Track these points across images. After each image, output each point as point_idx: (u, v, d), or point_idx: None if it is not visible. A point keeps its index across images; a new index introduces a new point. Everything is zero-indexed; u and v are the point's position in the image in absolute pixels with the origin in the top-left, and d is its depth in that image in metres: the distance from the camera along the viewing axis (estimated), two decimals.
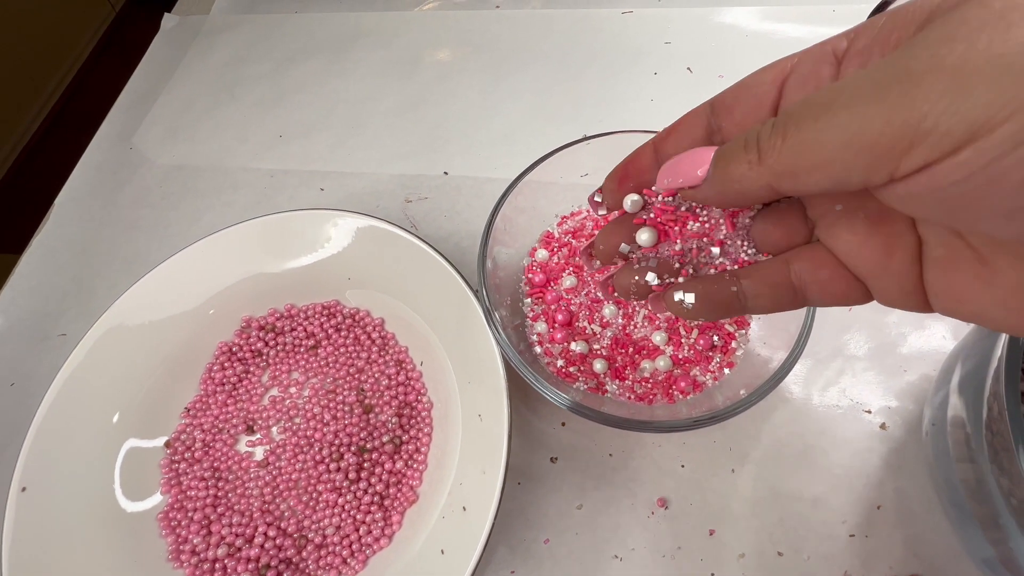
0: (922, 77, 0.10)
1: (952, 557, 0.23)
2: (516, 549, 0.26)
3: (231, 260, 0.31)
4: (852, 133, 0.11)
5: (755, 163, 0.12)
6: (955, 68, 0.09)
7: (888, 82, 0.10)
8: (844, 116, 0.11)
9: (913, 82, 0.10)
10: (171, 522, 0.26)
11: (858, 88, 0.11)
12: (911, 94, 0.10)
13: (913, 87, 0.10)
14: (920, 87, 0.10)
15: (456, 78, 0.43)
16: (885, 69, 0.10)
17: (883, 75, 0.10)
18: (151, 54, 0.47)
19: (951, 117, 0.09)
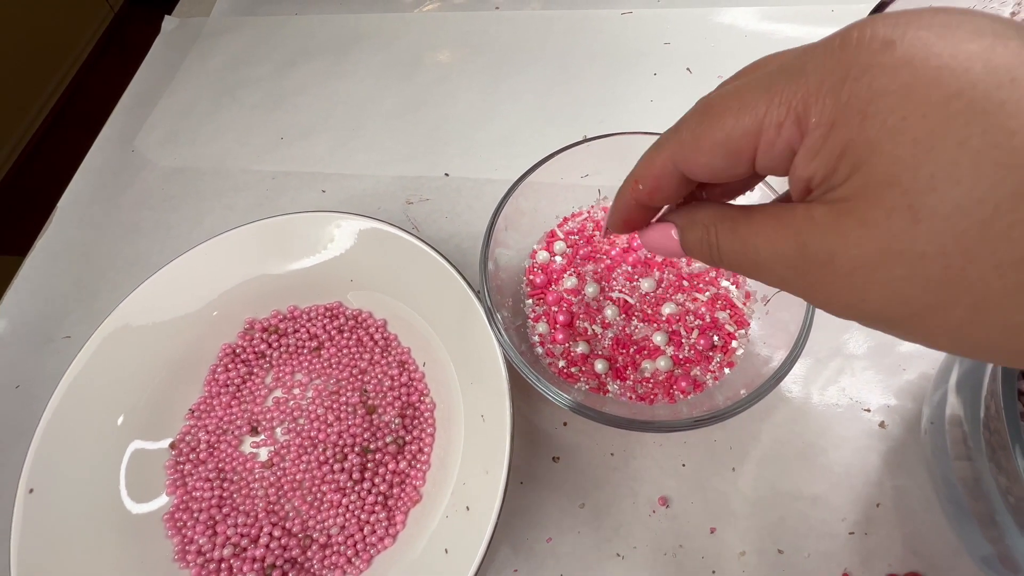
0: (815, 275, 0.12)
1: (951, 555, 0.24)
2: (519, 548, 0.26)
3: (234, 263, 0.31)
4: (778, 285, 0.14)
5: (712, 263, 0.16)
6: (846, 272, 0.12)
7: (794, 270, 0.13)
8: (767, 281, 0.14)
9: (811, 276, 0.12)
10: (177, 523, 0.27)
11: (774, 267, 0.13)
12: (812, 287, 0.13)
13: (812, 281, 0.13)
14: (815, 283, 0.12)
15: (456, 79, 0.43)
16: (792, 256, 0.13)
17: (791, 261, 0.13)
18: (152, 56, 0.47)
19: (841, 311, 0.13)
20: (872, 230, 0.11)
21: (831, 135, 0.11)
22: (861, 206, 0.11)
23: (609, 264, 0.29)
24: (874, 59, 0.11)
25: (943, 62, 0.10)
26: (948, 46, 0.10)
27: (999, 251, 0.10)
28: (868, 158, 0.11)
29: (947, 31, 0.10)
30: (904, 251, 0.11)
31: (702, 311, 0.27)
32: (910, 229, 0.10)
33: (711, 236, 0.15)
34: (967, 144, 0.10)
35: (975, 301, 0.10)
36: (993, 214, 0.10)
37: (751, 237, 0.14)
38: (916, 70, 0.10)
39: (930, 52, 0.10)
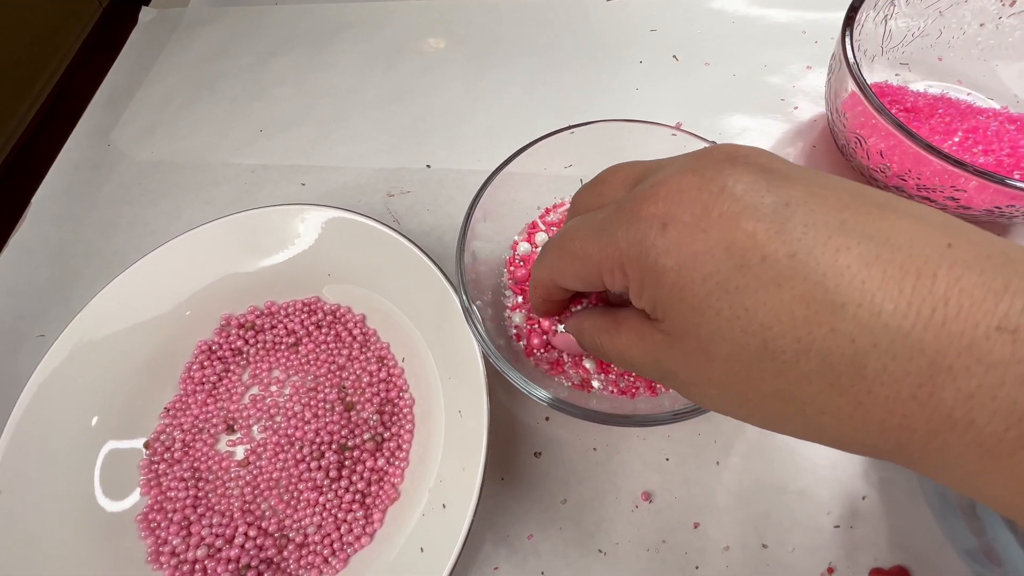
0: (671, 381, 0.17)
1: (936, 547, 0.23)
2: (500, 545, 0.25)
3: (209, 257, 0.30)
4: (655, 380, 0.19)
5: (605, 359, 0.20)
6: None
7: (659, 376, 0.17)
8: (646, 375, 0.19)
9: (669, 382, 0.17)
10: (150, 523, 0.26)
11: (646, 371, 0.17)
12: (674, 387, 0.17)
13: (671, 385, 0.17)
14: (674, 387, 0.17)
15: (439, 70, 0.42)
16: (654, 366, 0.17)
17: (655, 370, 0.17)
18: (129, 49, 0.46)
19: None
20: (689, 361, 0.15)
21: (642, 290, 0.15)
22: (678, 342, 0.15)
23: None
24: (656, 240, 0.14)
25: (700, 248, 0.14)
26: (702, 231, 0.14)
27: (763, 386, 0.14)
28: (670, 312, 0.15)
29: (704, 215, 0.14)
30: (711, 378, 0.15)
31: None
32: (707, 365, 0.14)
33: (597, 343, 0.19)
34: (722, 314, 0.13)
35: (761, 416, 0.14)
36: (748, 366, 0.14)
37: (623, 349, 0.17)
38: (683, 254, 0.14)
39: (691, 237, 0.14)
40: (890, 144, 0.27)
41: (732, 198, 0.13)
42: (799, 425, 0.14)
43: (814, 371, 0.13)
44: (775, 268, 0.13)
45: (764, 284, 0.13)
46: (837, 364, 0.12)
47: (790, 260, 0.13)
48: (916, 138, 0.25)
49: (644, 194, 0.15)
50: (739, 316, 0.13)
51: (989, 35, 0.33)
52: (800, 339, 0.12)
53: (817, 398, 0.13)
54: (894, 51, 0.35)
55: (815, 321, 0.12)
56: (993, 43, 0.33)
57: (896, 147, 0.27)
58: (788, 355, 0.13)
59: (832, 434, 0.13)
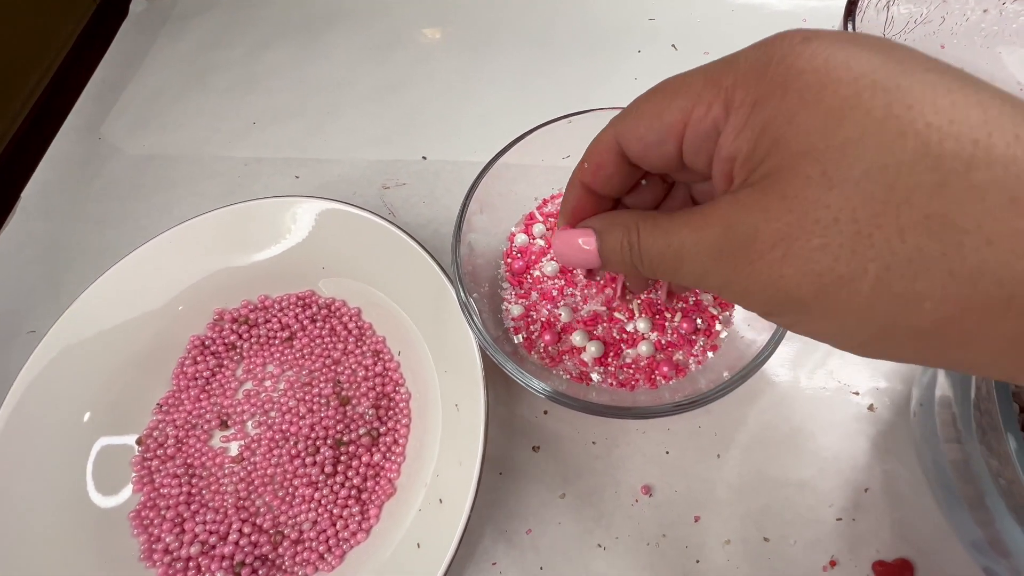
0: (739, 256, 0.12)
1: (940, 540, 0.23)
2: (498, 540, 0.25)
3: (201, 251, 0.30)
4: (697, 283, 0.14)
5: (630, 268, 0.16)
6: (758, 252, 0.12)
7: (719, 255, 0.13)
8: (689, 278, 0.14)
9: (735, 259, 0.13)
10: (143, 521, 0.26)
11: (698, 257, 0.13)
12: (735, 270, 0.13)
13: (736, 263, 0.13)
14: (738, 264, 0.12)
15: (435, 60, 0.41)
16: (716, 240, 0.13)
17: (715, 246, 0.13)
18: (119, 40, 0.46)
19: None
20: (791, 201, 0.11)
21: (754, 112, 0.12)
22: (782, 179, 0.12)
23: None
24: (794, 48, 0.12)
25: (853, 51, 0.11)
26: (856, 40, 0.11)
27: (902, 215, 0.10)
28: (786, 130, 0.11)
29: (854, 35, 0.12)
30: (820, 219, 0.11)
31: (685, 293, 0.26)
32: (825, 195, 0.11)
33: (631, 236, 0.15)
34: (872, 115, 0.11)
35: (880, 269, 0.11)
36: (895, 179, 0.10)
37: (676, 230, 0.14)
38: (830, 57, 0.11)
39: (843, 42, 0.11)
40: None
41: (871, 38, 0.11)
42: (941, 275, 0.10)
43: (990, 183, 0.10)
44: (948, 72, 0.10)
45: (932, 85, 0.10)
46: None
47: (962, 72, 0.10)
48: None
49: (780, 33, 0.12)
50: (899, 115, 0.10)
51: (993, 21, 0.33)
52: (978, 142, 0.10)
53: (986, 220, 0.10)
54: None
55: (996, 124, 0.10)
56: (997, 29, 0.33)
57: None
58: (958, 162, 0.10)
59: (990, 286, 0.10)
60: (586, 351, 0.25)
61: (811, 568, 0.23)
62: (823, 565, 0.23)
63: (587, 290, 0.27)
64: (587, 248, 0.16)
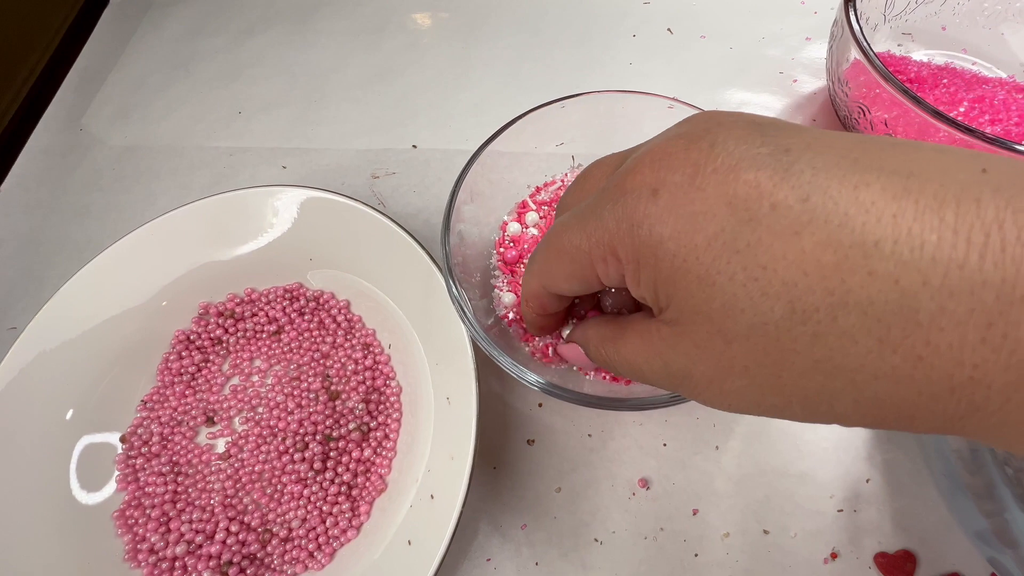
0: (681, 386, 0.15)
1: (943, 530, 0.23)
2: (492, 535, 0.25)
3: (185, 243, 0.29)
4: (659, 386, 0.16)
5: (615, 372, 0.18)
6: None
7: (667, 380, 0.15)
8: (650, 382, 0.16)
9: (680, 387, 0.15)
10: (128, 520, 0.25)
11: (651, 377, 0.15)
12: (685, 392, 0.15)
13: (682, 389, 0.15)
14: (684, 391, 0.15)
15: (424, 46, 0.40)
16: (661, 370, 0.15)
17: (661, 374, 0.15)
18: (100, 29, 0.45)
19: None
20: (705, 351, 0.13)
21: (640, 271, 0.13)
22: (690, 331, 0.13)
23: None
24: (647, 209, 0.13)
25: (698, 208, 0.12)
26: (698, 190, 0.12)
27: (796, 362, 0.11)
28: (672, 291, 0.13)
29: (697, 172, 0.12)
30: (733, 366, 0.12)
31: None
32: (727, 350, 0.12)
33: (603, 354, 0.17)
34: (736, 279, 0.12)
35: (801, 401, 0.12)
36: (776, 334, 0.11)
37: (630, 356, 0.16)
38: (679, 217, 0.12)
39: (686, 197, 0.12)
40: (895, 113, 0.26)
41: (725, 152, 0.12)
42: (849, 403, 0.11)
43: (856, 327, 0.10)
44: (789, 215, 0.11)
45: (779, 235, 0.11)
46: (883, 314, 0.10)
47: (804, 204, 0.11)
48: (924, 104, 0.23)
49: (629, 168, 0.13)
50: (756, 278, 0.11)
51: (995, 0, 0.32)
52: (833, 291, 0.11)
53: (866, 361, 0.11)
54: (896, 20, 0.34)
55: (847, 267, 0.10)
56: (1000, 9, 0.32)
57: (901, 116, 0.25)
58: (822, 313, 0.11)
59: (892, 406, 0.11)
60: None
61: (812, 560, 0.23)
62: (824, 557, 0.23)
63: None
64: (582, 357, 0.20)
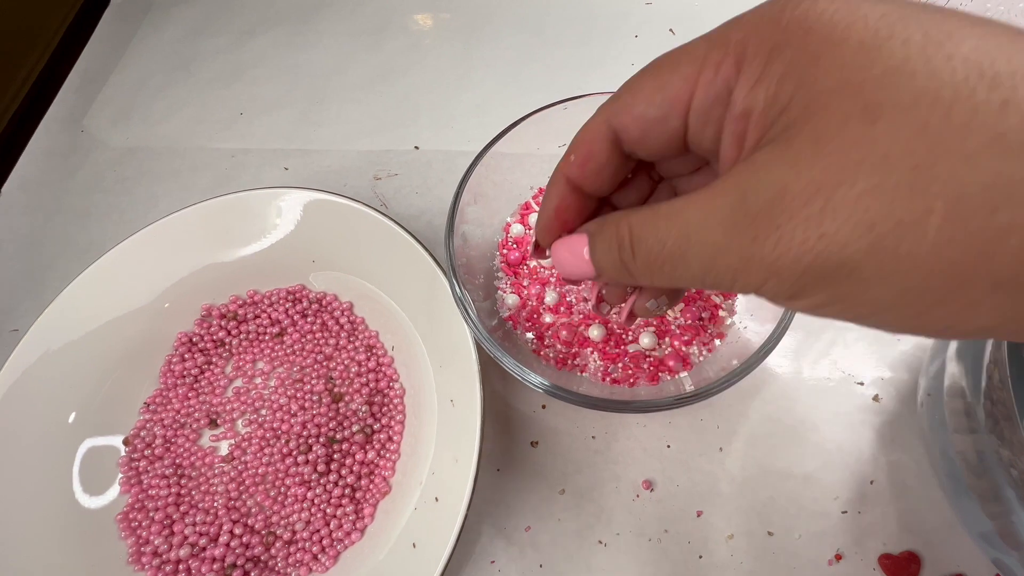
0: (762, 221, 0.10)
1: (948, 532, 0.23)
2: (496, 538, 0.25)
3: (187, 245, 0.29)
4: (705, 272, 0.12)
5: (625, 274, 0.14)
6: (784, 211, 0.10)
7: (734, 227, 0.11)
8: (696, 265, 0.12)
9: (757, 226, 0.10)
10: (131, 523, 0.25)
11: (708, 234, 0.11)
12: (756, 240, 0.10)
13: (758, 231, 0.10)
14: (761, 231, 0.10)
15: (426, 47, 0.40)
16: (731, 209, 0.11)
17: (730, 217, 0.11)
18: (101, 30, 0.44)
19: (794, 254, 0.10)
20: (827, 144, 0.10)
21: (771, 59, 0.11)
22: (812, 123, 0.10)
23: None
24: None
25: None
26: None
27: (968, 139, 0.09)
28: (812, 71, 0.10)
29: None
30: (865, 158, 0.09)
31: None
32: (869, 130, 0.09)
33: (622, 231, 0.13)
34: (910, 43, 0.09)
35: (949, 205, 0.09)
36: (952, 102, 0.09)
37: (677, 212, 0.12)
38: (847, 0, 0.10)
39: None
40: None
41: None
42: (1013, 211, 0.08)
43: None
44: (966, 14, 0.09)
45: (959, 19, 0.09)
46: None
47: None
48: None
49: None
50: (940, 42, 0.09)
51: (998, 1, 0.32)
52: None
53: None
54: None
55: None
56: (1003, 9, 0.32)
57: None
58: (1017, 79, 0.09)
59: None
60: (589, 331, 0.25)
61: (816, 562, 0.23)
62: (828, 559, 0.23)
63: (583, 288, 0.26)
64: (584, 256, 0.15)
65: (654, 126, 0.13)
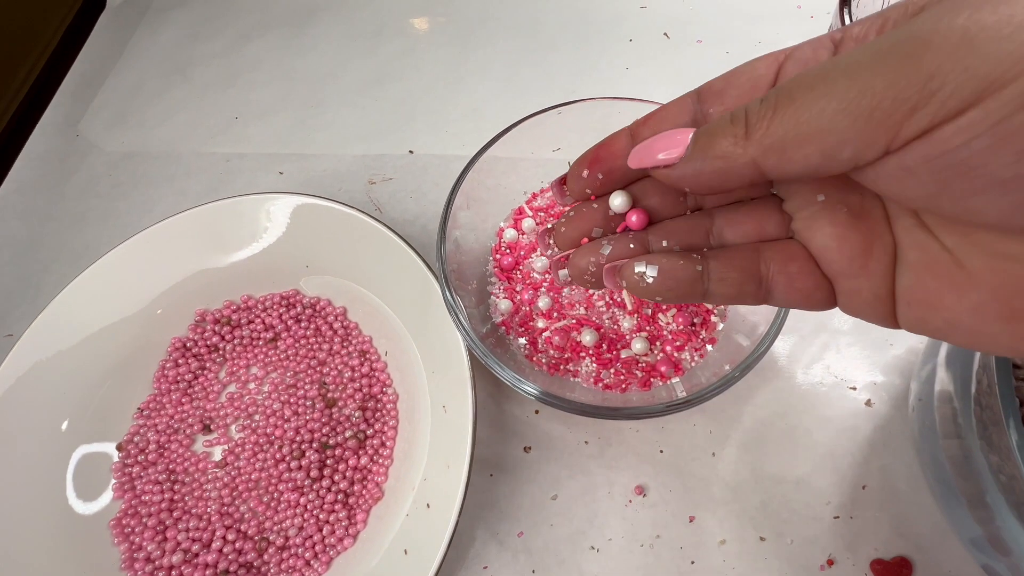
0: (929, 39, 0.09)
1: (939, 537, 0.23)
2: (489, 543, 0.25)
3: (181, 250, 0.29)
4: (851, 99, 0.10)
5: (741, 137, 0.12)
6: (963, 29, 0.09)
7: (891, 48, 0.10)
8: (843, 83, 0.10)
9: (919, 44, 0.09)
10: (124, 529, 0.25)
11: (859, 56, 0.10)
12: (916, 55, 0.09)
13: (919, 48, 0.09)
14: (927, 48, 0.09)
15: (421, 51, 0.40)
16: (888, 38, 0.10)
17: (886, 43, 0.10)
18: (97, 35, 0.44)
19: (959, 75, 0.09)
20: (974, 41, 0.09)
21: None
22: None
23: None
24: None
25: None
26: None
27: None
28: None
29: None
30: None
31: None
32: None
33: (755, 107, 0.11)
34: None
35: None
36: None
37: (828, 69, 0.10)
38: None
39: None
40: None
41: None
42: None
43: None
44: None
45: None
46: None
47: None
48: None
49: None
50: None
51: None
52: None
53: None
54: None
55: None
56: None
57: None
58: None
59: None
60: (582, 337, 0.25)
61: (808, 567, 0.23)
62: (820, 564, 0.23)
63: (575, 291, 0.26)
64: (684, 134, 0.13)
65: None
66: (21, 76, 0.45)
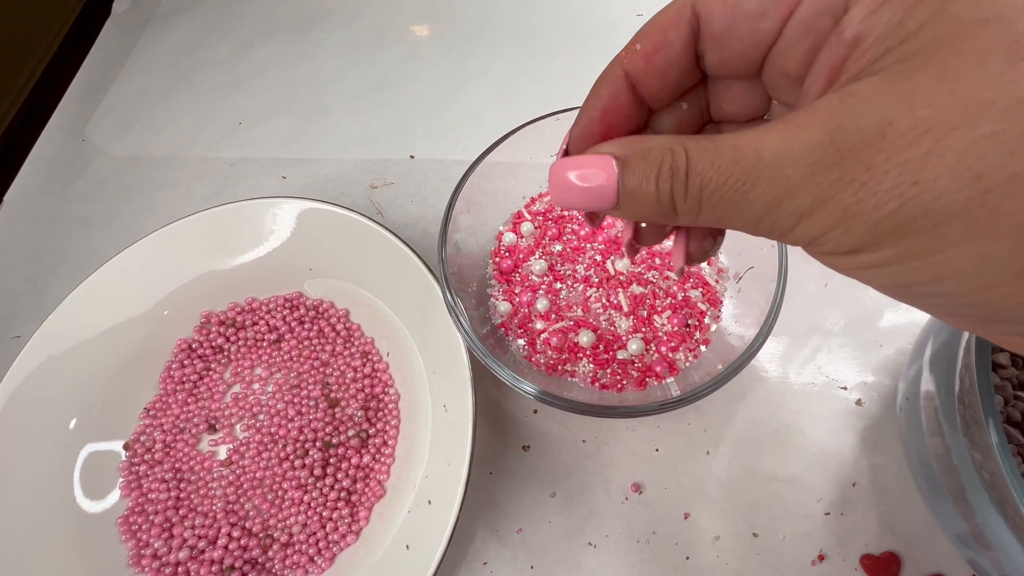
0: (851, 160, 0.09)
1: (927, 533, 0.23)
2: (489, 540, 0.25)
3: (187, 254, 0.30)
4: (766, 213, 0.10)
5: (662, 209, 0.11)
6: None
7: (816, 164, 0.09)
8: (758, 204, 0.10)
9: (844, 165, 0.09)
10: (131, 526, 0.25)
11: (782, 170, 0.10)
12: (839, 182, 0.09)
13: (844, 171, 0.09)
14: (848, 172, 0.09)
15: (422, 58, 0.41)
16: (817, 144, 0.09)
17: (813, 152, 0.09)
18: (102, 40, 0.45)
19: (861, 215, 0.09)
20: (956, 80, 0.08)
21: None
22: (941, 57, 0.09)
23: (577, 245, 0.28)
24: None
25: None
26: None
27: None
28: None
29: None
30: (995, 100, 0.08)
31: (673, 289, 0.26)
32: (1008, 71, 0.08)
33: (678, 157, 0.11)
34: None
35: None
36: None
37: (745, 146, 0.10)
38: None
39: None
40: None
41: None
42: None
43: None
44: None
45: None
46: None
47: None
48: None
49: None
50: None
51: None
52: None
53: None
54: None
55: None
56: None
57: None
58: None
59: None
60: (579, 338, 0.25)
61: (800, 563, 0.24)
62: (812, 559, 0.24)
63: (574, 289, 0.27)
64: (600, 180, 0.12)
65: (745, 21, 0.11)
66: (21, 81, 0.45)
